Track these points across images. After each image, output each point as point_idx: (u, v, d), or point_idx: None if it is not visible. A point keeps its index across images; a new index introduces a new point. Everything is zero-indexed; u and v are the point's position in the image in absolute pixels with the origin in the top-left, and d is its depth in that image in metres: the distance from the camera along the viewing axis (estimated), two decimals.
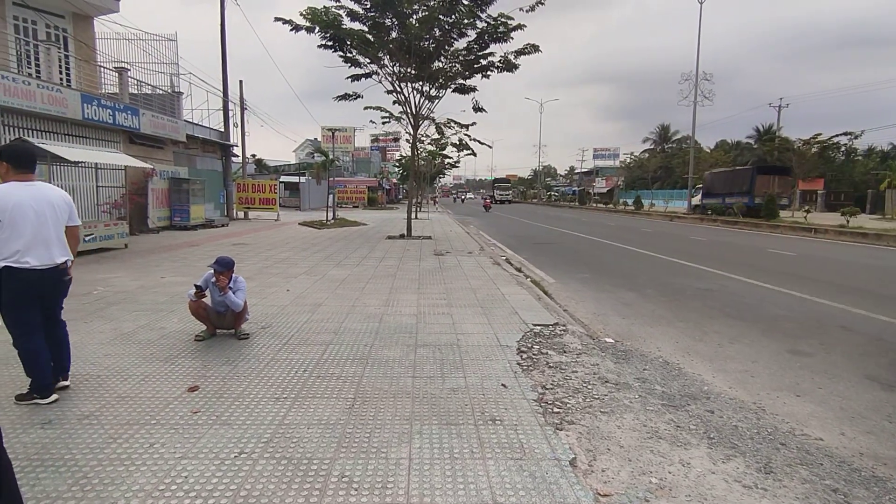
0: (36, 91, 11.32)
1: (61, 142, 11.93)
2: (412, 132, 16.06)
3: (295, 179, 39.04)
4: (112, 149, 13.88)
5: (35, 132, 11.69)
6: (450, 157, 37.57)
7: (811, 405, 3.74)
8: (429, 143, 28.71)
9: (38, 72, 13.35)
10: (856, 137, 36.53)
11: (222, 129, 22.68)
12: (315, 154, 44.94)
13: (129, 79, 15.84)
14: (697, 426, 3.18)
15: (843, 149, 41.44)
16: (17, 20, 13.49)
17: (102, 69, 15.60)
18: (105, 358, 4.19)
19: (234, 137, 24.25)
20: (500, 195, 69.94)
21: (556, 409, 3.35)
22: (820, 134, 32.09)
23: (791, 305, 7.08)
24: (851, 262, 11.87)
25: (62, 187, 11.95)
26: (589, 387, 3.78)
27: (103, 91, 15.34)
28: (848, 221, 20.56)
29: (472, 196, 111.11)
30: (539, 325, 5.45)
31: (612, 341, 5.08)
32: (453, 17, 13.41)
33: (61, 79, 13.80)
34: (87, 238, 10.44)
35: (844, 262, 12.03)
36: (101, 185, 13.53)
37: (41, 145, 9.44)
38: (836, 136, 33.01)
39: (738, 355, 4.89)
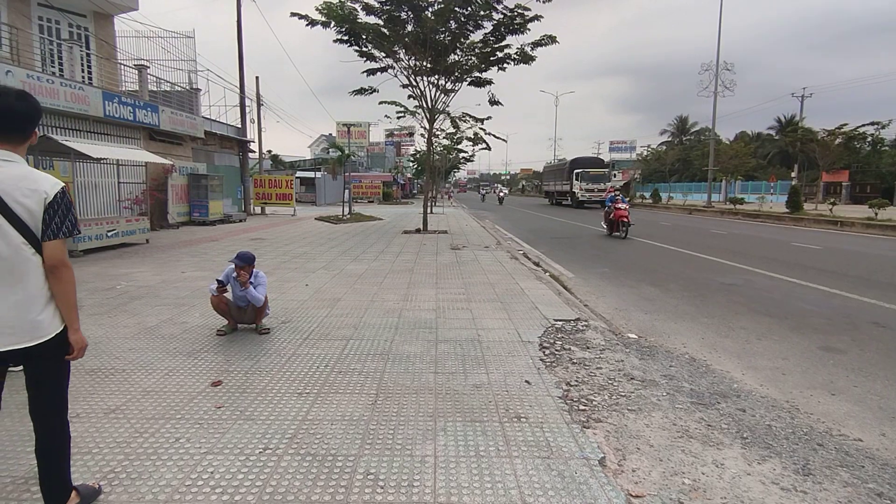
0: (59, 89, 11.51)
1: (84, 139, 12.12)
2: (427, 126, 15.98)
3: (311, 175, 39.31)
4: (133, 145, 14.08)
5: (59, 130, 11.89)
6: (465, 151, 37.45)
7: (847, 404, 3.61)
8: (444, 138, 28.60)
9: (61, 70, 13.57)
10: (883, 127, 35.35)
11: (239, 126, 22.87)
12: (330, 149, 45.14)
13: (149, 76, 16.02)
14: (729, 425, 3.09)
15: (869, 139, 40.16)
16: (41, 20, 13.73)
17: (123, 67, 15.80)
18: (129, 352, 4.23)
19: (251, 133, 24.46)
20: (588, 189, 33.22)
21: (581, 407, 3.28)
22: (846, 124, 31.07)
23: (820, 301, 6.87)
24: (881, 256, 11.51)
25: (85, 184, 12.28)
26: (615, 384, 3.70)
27: (124, 88, 15.56)
28: (876, 214, 19.95)
29: (506, 192, 72.58)
30: (560, 320, 5.37)
31: (636, 337, 4.99)
32: (469, 8, 13.28)
33: (83, 77, 14.02)
34: (109, 234, 10.61)
35: (874, 255, 11.67)
36: (123, 182, 13.71)
37: (65, 142, 9.58)
38: (863, 125, 31.93)
39: (768, 352, 4.76)
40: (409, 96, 15.87)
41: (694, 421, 3.14)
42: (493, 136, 21.39)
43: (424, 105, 15.33)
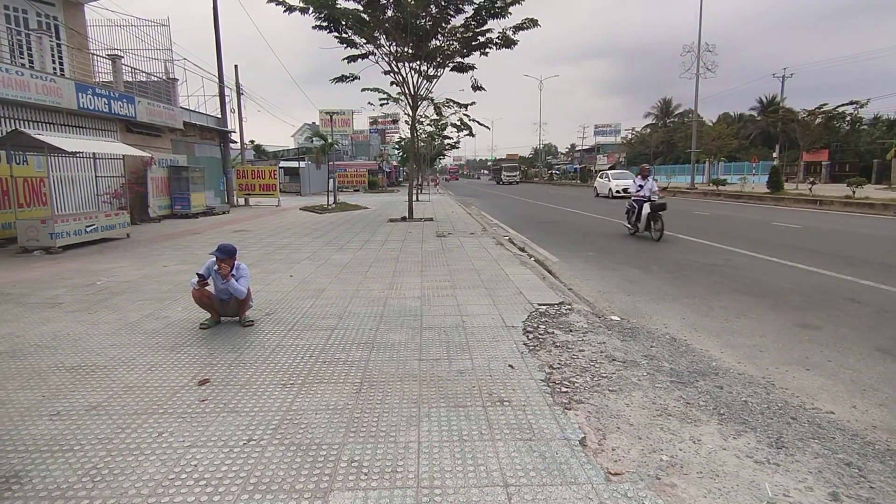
0: (30, 81, 11.17)
1: (57, 132, 11.81)
2: (411, 113, 15.85)
3: (294, 164, 38.84)
4: (109, 138, 13.76)
5: (31, 123, 11.57)
6: (449, 138, 37.25)
7: (821, 378, 3.71)
8: (428, 125, 28.40)
9: (31, 62, 13.16)
10: (861, 106, 35.85)
11: (219, 116, 22.45)
12: (314, 138, 44.58)
13: (123, 66, 15.61)
14: (707, 402, 3.16)
15: (848, 118, 40.71)
16: (7, 10, 13.26)
17: (95, 57, 15.37)
18: (111, 348, 4.19)
19: (232, 123, 24.04)
20: None
21: (564, 389, 3.34)
22: (826, 104, 31.49)
23: (798, 279, 7.02)
24: (858, 234, 11.76)
25: (61, 178, 12.01)
26: (596, 365, 3.76)
27: (97, 80, 15.15)
28: (854, 192, 20.34)
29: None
30: (544, 304, 5.42)
31: (619, 319, 5.05)
32: None
33: (54, 68, 13.62)
34: (88, 229, 10.41)
35: (851, 233, 11.92)
36: (100, 175, 13.44)
37: (37, 136, 9.33)
38: (842, 105, 32.38)
39: (746, 330, 4.86)
40: (392, 83, 15.71)
41: (673, 399, 3.21)
42: (477, 122, 21.34)
43: (407, 91, 15.18)
